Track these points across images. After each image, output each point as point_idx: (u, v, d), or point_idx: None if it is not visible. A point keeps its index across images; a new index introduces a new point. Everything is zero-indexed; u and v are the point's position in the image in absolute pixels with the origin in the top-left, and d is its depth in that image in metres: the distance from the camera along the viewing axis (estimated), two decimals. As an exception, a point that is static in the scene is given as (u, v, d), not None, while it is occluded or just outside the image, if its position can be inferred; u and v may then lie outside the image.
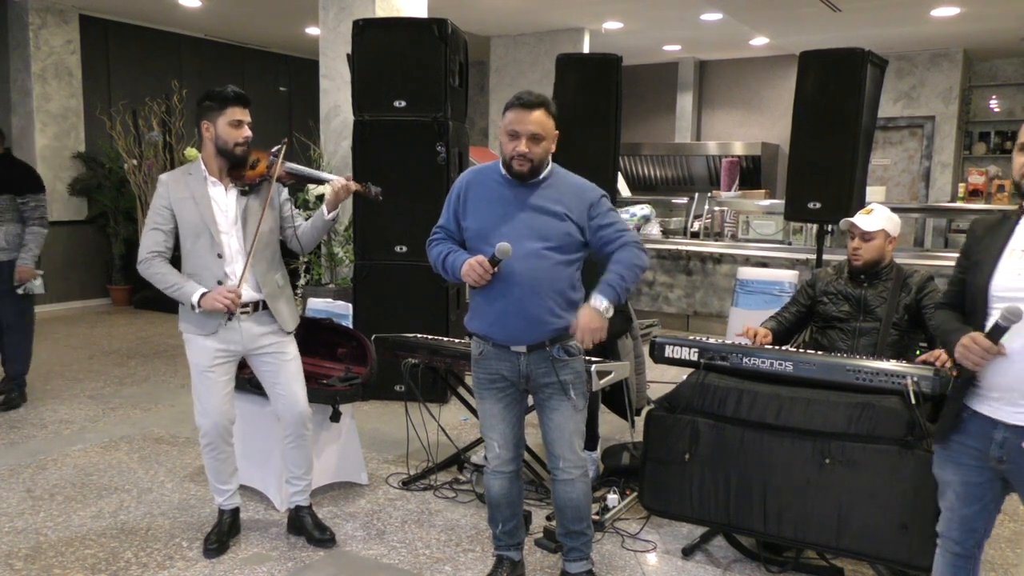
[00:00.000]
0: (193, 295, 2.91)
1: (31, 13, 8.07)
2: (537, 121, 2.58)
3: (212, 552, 3.12)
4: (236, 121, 2.95)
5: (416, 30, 5.02)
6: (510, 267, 2.59)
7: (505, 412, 2.76)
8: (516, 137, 2.59)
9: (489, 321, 2.68)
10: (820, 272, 3.61)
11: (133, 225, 8.66)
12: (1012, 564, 3.20)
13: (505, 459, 2.78)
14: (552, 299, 2.63)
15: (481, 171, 2.79)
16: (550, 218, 2.63)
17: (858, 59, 4.80)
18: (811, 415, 2.83)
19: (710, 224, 7.90)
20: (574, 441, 2.74)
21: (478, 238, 2.68)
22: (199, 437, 3.11)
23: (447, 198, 2.83)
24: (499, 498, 2.83)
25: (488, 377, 2.75)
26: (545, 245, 2.61)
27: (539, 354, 2.67)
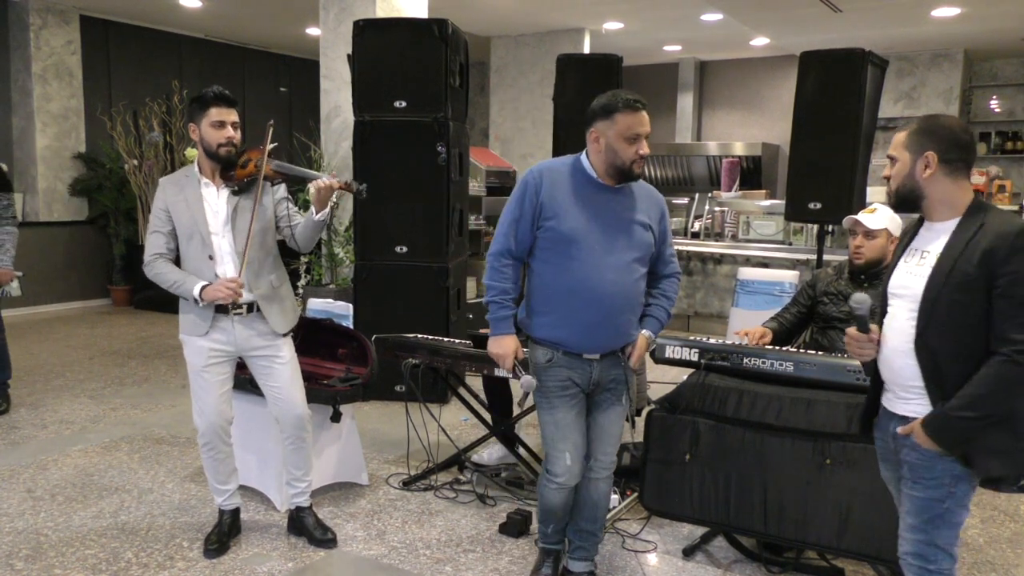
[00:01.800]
0: (195, 288, 2.91)
1: (32, 13, 8.08)
2: (648, 121, 2.59)
3: (212, 552, 3.12)
4: (218, 122, 2.93)
5: (416, 30, 5.02)
6: (603, 277, 2.57)
7: (578, 420, 2.69)
8: (637, 140, 2.54)
9: (572, 330, 2.61)
10: (820, 273, 3.61)
11: (134, 225, 8.66)
12: (1013, 564, 3.20)
13: (575, 473, 2.69)
14: (636, 312, 2.69)
15: (556, 167, 2.66)
16: (639, 228, 2.64)
17: (858, 59, 4.80)
18: (811, 415, 2.83)
19: (710, 224, 7.89)
20: (614, 444, 2.79)
21: (565, 241, 2.57)
22: (197, 437, 3.12)
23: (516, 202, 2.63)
24: (558, 508, 2.79)
25: (560, 384, 2.66)
26: (635, 257, 2.63)
27: (610, 359, 2.68)
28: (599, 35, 9.39)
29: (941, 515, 2.05)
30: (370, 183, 5.03)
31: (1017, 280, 1.92)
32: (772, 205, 7.87)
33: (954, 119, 2.11)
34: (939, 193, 2.06)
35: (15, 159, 8.33)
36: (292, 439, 3.19)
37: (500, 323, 2.69)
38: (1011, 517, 3.64)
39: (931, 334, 2.02)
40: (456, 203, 5.16)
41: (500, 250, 2.66)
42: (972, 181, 7.28)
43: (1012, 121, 9.89)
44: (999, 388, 1.95)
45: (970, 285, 1.96)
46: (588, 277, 2.56)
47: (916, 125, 2.10)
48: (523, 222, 2.62)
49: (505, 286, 2.66)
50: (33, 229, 7.99)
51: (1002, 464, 2.00)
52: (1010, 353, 1.92)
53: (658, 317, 2.75)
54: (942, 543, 2.06)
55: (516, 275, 2.70)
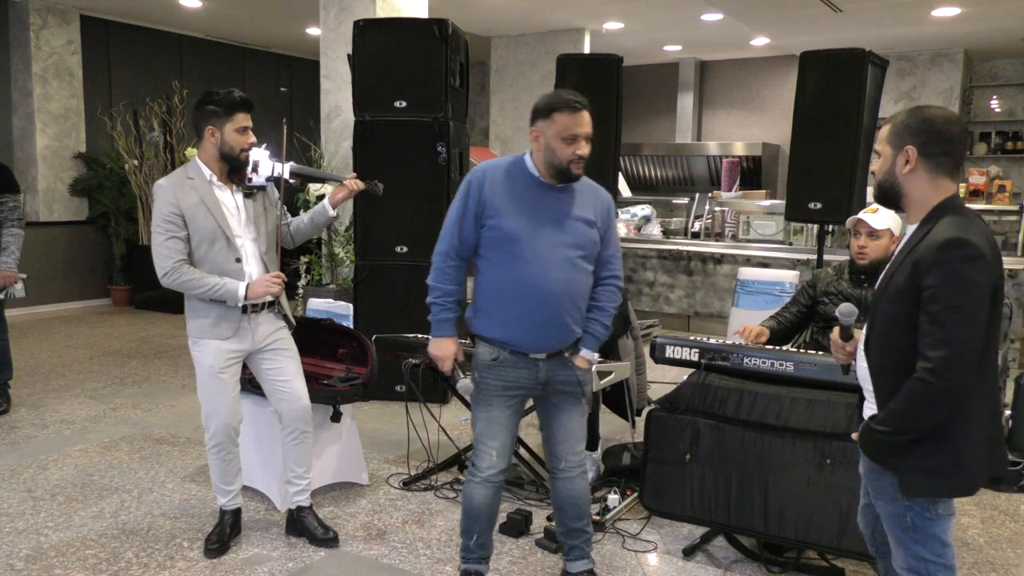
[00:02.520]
0: (239, 289, 2.93)
1: (32, 13, 8.07)
2: (589, 122, 2.57)
3: (213, 552, 3.12)
4: (243, 127, 2.96)
5: (417, 30, 5.02)
6: (547, 274, 2.55)
7: (510, 421, 2.70)
8: (575, 141, 2.53)
9: (516, 328, 2.61)
10: (821, 272, 3.61)
11: (134, 225, 8.66)
12: (1013, 564, 3.20)
13: (500, 468, 2.70)
14: (580, 309, 2.65)
15: (499, 167, 2.65)
16: (582, 225, 2.61)
17: (859, 59, 4.80)
18: (812, 415, 2.83)
19: (711, 224, 7.89)
20: (577, 443, 2.76)
21: (507, 239, 2.56)
22: (206, 439, 3.11)
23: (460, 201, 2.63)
24: (481, 508, 2.73)
25: (502, 384, 2.66)
26: (580, 254, 2.60)
27: (558, 359, 2.66)
28: (599, 35, 9.39)
29: (911, 528, 1.95)
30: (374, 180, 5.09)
31: (935, 295, 1.81)
32: (772, 205, 7.87)
33: (941, 110, 1.95)
34: (916, 192, 1.94)
35: (15, 159, 8.33)
36: (294, 434, 3.19)
37: (441, 325, 2.72)
38: (1011, 517, 3.64)
39: (871, 343, 1.99)
40: (456, 203, 5.16)
41: (445, 249, 2.67)
42: (972, 181, 7.21)
43: (1012, 121, 9.89)
44: (910, 405, 1.86)
45: (901, 297, 1.88)
46: (533, 275, 2.55)
47: (899, 118, 1.97)
48: (466, 221, 2.62)
49: (447, 288, 2.68)
50: (33, 229, 7.97)
51: (927, 484, 1.90)
52: (920, 371, 1.83)
53: (595, 334, 2.68)
54: (928, 555, 1.95)
55: (460, 276, 2.71)
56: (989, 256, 1.83)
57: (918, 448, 1.89)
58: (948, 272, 1.80)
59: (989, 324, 1.86)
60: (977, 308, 1.82)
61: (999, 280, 1.86)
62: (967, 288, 1.80)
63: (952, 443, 1.88)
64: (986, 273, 1.82)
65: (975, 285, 1.81)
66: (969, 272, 1.80)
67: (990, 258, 1.83)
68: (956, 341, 1.80)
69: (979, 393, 1.88)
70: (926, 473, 1.90)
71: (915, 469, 1.91)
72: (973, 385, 1.84)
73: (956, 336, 1.80)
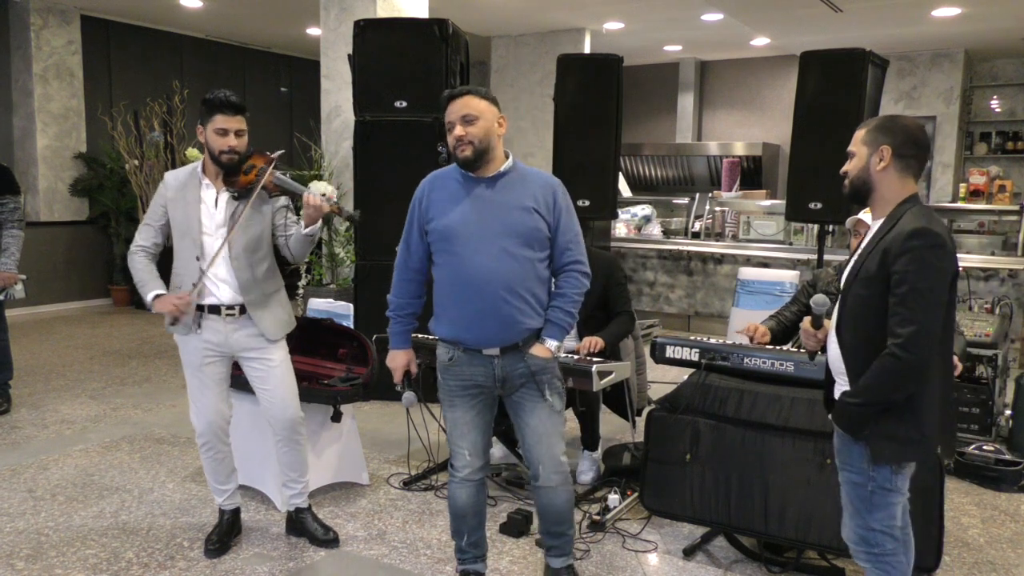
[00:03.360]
0: (149, 295, 2.94)
1: (32, 13, 8.08)
2: (465, 104, 2.56)
3: (213, 552, 3.12)
4: (221, 130, 2.91)
5: (417, 30, 5.02)
6: (482, 266, 2.54)
7: (476, 420, 2.68)
8: (452, 127, 2.57)
9: (461, 324, 2.61)
10: (821, 272, 3.61)
11: (134, 225, 8.62)
12: (1013, 564, 3.20)
13: (475, 467, 2.70)
14: (524, 299, 2.58)
15: (439, 174, 2.74)
16: (518, 212, 2.58)
17: (859, 59, 4.81)
18: (812, 415, 2.83)
19: (711, 224, 7.90)
20: (554, 446, 2.66)
21: (444, 239, 2.60)
22: (196, 437, 3.12)
23: (408, 216, 2.72)
24: (466, 508, 2.74)
25: (460, 384, 2.66)
26: (515, 242, 2.56)
27: (513, 355, 2.61)
28: (600, 35, 9.39)
29: (868, 498, 2.17)
30: (371, 183, 5.09)
31: (903, 278, 2.02)
32: (772, 205, 7.87)
33: (912, 120, 2.18)
34: (886, 188, 2.16)
35: (16, 159, 8.33)
36: (285, 441, 3.17)
37: (394, 337, 2.84)
38: (1012, 517, 3.64)
39: (844, 325, 2.18)
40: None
41: (398, 262, 2.77)
42: (972, 181, 7.25)
43: (1012, 121, 9.89)
44: (881, 379, 2.07)
45: (870, 281, 2.09)
46: (465, 267, 2.57)
47: (875, 122, 2.19)
48: (412, 232, 2.70)
49: (400, 301, 2.78)
50: (34, 229, 7.97)
51: (897, 450, 2.11)
52: (890, 346, 2.03)
53: (556, 321, 2.62)
54: (878, 526, 2.17)
55: (412, 290, 2.77)
56: (949, 246, 2.04)
57: (886, 418, 2.10)
58: (914, 258, 2.01)
59: (948, 306, 2.08)
60: (938, 291, 2.03)
61: (956, 268, 2.08)
62: (930, 273, 2.01)
63: (917, 414, 2.09)
64: (947, 261, 2.04)
65: (937, 271, 2.02)
66: (932, 259, 2.02)
67: (950, 248, 2.05)
68: (921, 319, 2.01)
69: (936, 369, 2.09)
70: (895, 440, 2.11)
71: (885, 436, 2.11)
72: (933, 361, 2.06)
73: (921, 315, 2.01)
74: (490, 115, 2.58)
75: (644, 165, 11.09)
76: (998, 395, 4.45)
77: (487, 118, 2.57)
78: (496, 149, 2.61)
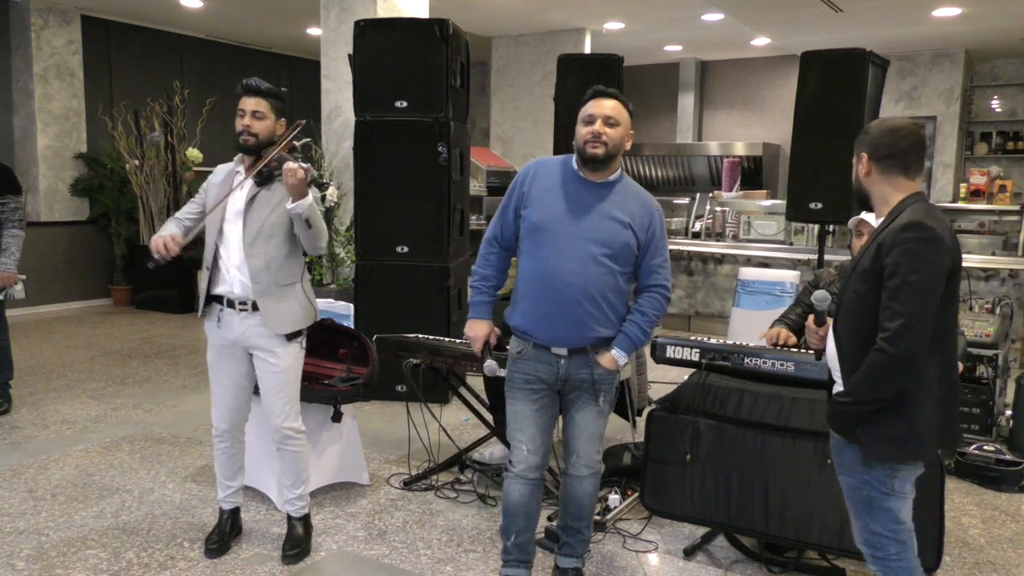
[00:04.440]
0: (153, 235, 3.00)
1: (33, 13, 8.08)
2: (613, 107, 2.61)
3: (213, 552, 3.12)
4: (240, 110, 2.97)
5: (417, 30, 5.02)
6: (564, 266, 2.58)
7: (537, 415, 2.71)
8: (591, 121, 2.59)
9: (533, 318, 2.66)
10: (823, 272, 3.61)
11: (135, 225, 8.67)
12: (1014, 564, 3.20)
13: (532, 464, 2.71)
14: (599, 306, 2.61)
15: (549, 162, 2.75)
16: (614, 224, 2.62)
17: (859, 59, 4.81)
18: (812, 415, 2.83)
19: (711, 224, 7.89)
20: (592, 443, 2.75)
21: (536, 231, 2.64)
22: (212, 429, 3.13)
23: (508, 192, 2.75)
24: (517, 506, 2.74)
25: (524, 378, 2.70)
26: (603, 251, 2.60)
27: (579, 358, 2.66)
28: (600, 35, 9.39)
29: (866, 501, 2.13)
30: (371, 183, 5.09)
31: (894, 271, 2.00)
32: (773, 205, 7.87)
33: (892, 122, 2.18)
34: (877, 191, 2.18)
35: (16, 159, 8.33)
36: (276, 445, 3.15)
37: (476, 307, 2.85)
38: (1012, 517, 3.64)
39: (840, 323, 2.17)
40: (457, 203, 5.16)
41: (488, 236, 2.81)
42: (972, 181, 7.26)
43: (1013, 121, 9.88)
44: (871, 375, 2.04)
45: (867, 276, 2.07)
46: (549, 265, 2.61)
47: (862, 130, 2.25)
48: (509, 211, 2.75)
49: (486, 272, 2.81)
50: (34, 229, 7.96)
51: (888, 450, 2.07)
52: (878, 341, 2.01)
53: (629, 334, 2.66)
54: (880, 530, 2.13)
55: (501, 263, 2.81)
56: (946, 240, 2.01)
57: (880, 417, 2.07)
58: (906, 251, 1.99)
59: (947, 302, 2.04)
60: (931, 285, 1.99)
61: (956, 264, 2.04)
62: (921, 266, 1.99)
63: (909, 412, 2.05)
64: (941, 254, 2.00)
65: (929, 264, 1.99)
66: (924, 251, 1.99)
67: (947, 242, 2.01)
68: (909, 313, 1.98)
69: (932, 366, 2.05)
70: (887, 440, 2.07)
71: (877, 436, 2.08)
72: (925, 356, 2.01)
73: (909, 308, 1.98)
74: (627, 125, 2.66)
75: (644, 165, 11.09)
76: (998, 395, 4.45)
77: (624, 127, 2.64)
78: (618, 159, 2.67)
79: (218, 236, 2.99)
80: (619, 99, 2.64)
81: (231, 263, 2.96)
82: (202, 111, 8.92)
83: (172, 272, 8.28)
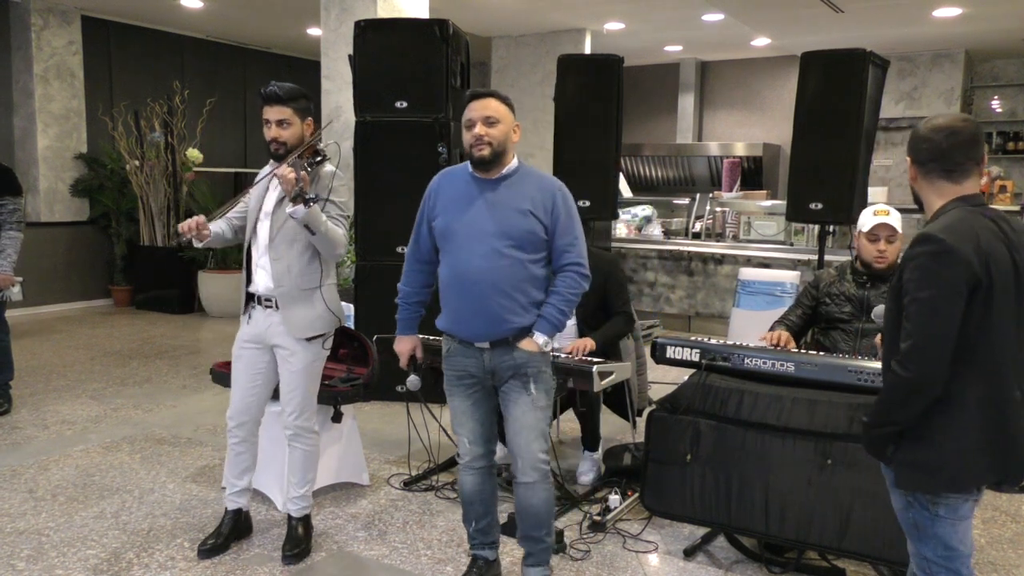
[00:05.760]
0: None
1: (33, 14, 8.08)
2: (488, 106, 2.64)
3: (203, 553, 3.11)
4: (265, 120, 2.99)
5: (418, 31, 5.02)
6: (471, 264, 2.64)
7: (473, 409, 2.77)
8: (472, 125, 2.63)
9: (452, 319, 2.74)
10: (823, 273, 3.60)
11: (135, 226, 8.67)
12: (1014, 565, 3.20)
13: (476, 455, 2.79)
14: (512, 298, 2.63)
15: (449, 172, 2.84)
16: (514, 213, 2.64)
17: (860, 60, 4.80)
18: (813, 416, 2.83)
19: (711, 225, 7.89)
20: (532, 440, 2.67)
21: (443, 236, 2.73)
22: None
23: (419, 209, 2.85)
24: (472, 495, 2.84)
25: (456, 374, 2.77)
26: (507, 243, 2.63)
27: (502, 349, 2.68)
28: (600, 35, 9.39)
29: (914, 525, 2.00)
30: (371, 183, 5.09)
31: (906, 289, 1.90)
32: (773, 205, 7.87)
33: (935, 121, 2.02)
34: (925, 197, 2.06)
35: (17, 160, 8.33)
36: (288, 441, 3.17)
37: (399, 324, 2.97)
38: (1012, 518, 3.64)
39: (885, 341, 2.06)
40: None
41: (408, 252, 2.91)
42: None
43: (1013, 121, 9.88)
44: (885, 398, 1.97)
45: (893, 292, 1.99)
46: (458, 265, 2.68)
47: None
48: (422, 226, 2.84)
49: (406, 289, 2.92)
50: (34, 229, 7.97)
51: (921, 478, 1.94)
52: (892, 363, 1.92)
53: (547, 317, 2.65)
54: (931, 555, 1.98)
55: (421, 278, 2.91)
56: (960, 253, 1.84)
57: (905, 442, 1.96)
58: (916, 267, 1.89)
59: (984, 316, 1.87)
60: (943, 302, 1.85)
61: (980, 277, 1.86)
62: (931, 282, 1.86)
63: (934, 438, 1.91)
64: (953, 268, 1.84)
65: (938, 279, 1.85)
66: (934, 266, 1.86)
67: (961, 255, 1.84)
68: (918, 333, 1.87)
69: (969, 388, 1.89)
70: (911, 466, 1.95)
71: (903, 462, 1.97)
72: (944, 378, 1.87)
73: (918, 328, 1.87)
74: (509, 120, 2.68)
75: (644, 165, 11.09)
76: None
77: (506, 123, 2.66)
78: (508, 154, 2.70)
79: (252, 234, 3.05)
80: (495, 96, 2.67)
81: (259, 262, 3.03)
82: (202, 111, 8.92)
83: (172, 272, 8.30)
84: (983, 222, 1.93)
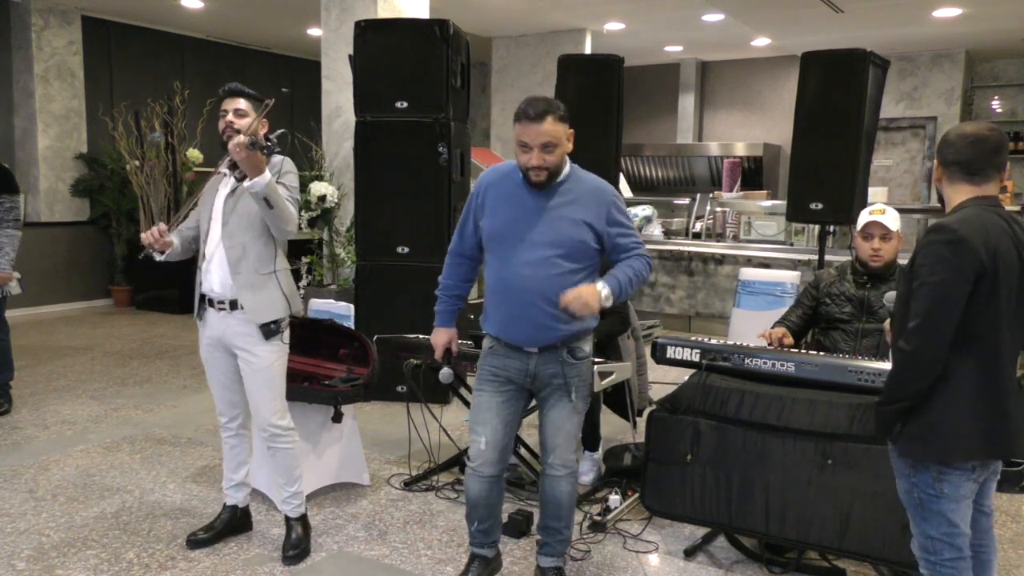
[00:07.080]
0: None
1: (33, 14, 8.08)
2: (546, 131, 2.56)
3: (192, 543, 3.16)
4: (222, 110, 3.02)
5: (418, 31, 5.02)
6: (520, 272, 2.61)
7: (500, 407, 2.72)
8: (528, 150, 2.57)
9: (499, 324, 2.72)
10: (823, 273, 3.60)
11: (135, 226, 8.66)
12: (1014, 564, 3.20)
13: (488, 460, 2.72)
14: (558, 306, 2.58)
15: (500, 170, 2.78)
16: (566, 223, 2.62)
17: (860, 60, 4.80)
18: (813, 416, 2.83)
19: (712, 225, 7.89)
20: (569, 440, 2.75)
21: (492, 239, 2.70)
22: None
23: (467, 203, 2.81)
24: (477, 500, 2.79)
25: (492, 371, 2.74)
26: (556, 252, 2.60)
27: (550, 355, 2.68)
28: (600, 35, 9.39)
29: (918, 504, 2.15)
30: (371, 183, 5.10)
31: (917, 273, 2.05)
32: (773, 205, 7.86)
33: (962, 128, 2.17)
34: (947, 196, 2.20)
35: (17, 160, 8.33)
36: (267, 445, 3.15)
37: (438, 316, 2.96)
38: (1013, 517, 3.64)
39: (892, 324, 2.25)
40: (457, 203, 5.15)
41: (451, 247, 2.89)
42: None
43: (1014, 121, 9.88)
44: (892, 374, 2.13)
45: (904, 277, 2.14)
46: (505, 271, 2.66)
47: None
48: (468, 223, 2.81)
49: (447, 282, 2.90)
50: (35, 230, 7.99)
51: (916, 448, 2.12)
52: (899, 341, 2.08)
53: (617, 276, 2.58)
54: (934, 533, 2.14)
55: (461, 273, 2.88)
56: (973, 243, 2.00)
57: (910, 417, 2.11)
58: (928, 252, 2.04)
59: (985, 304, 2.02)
60: (950, 287, 2.00)
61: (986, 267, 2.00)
62: (941, 267, 2.01)
63: (933, 411, 2.08)
64: (965, 257, 1.99)
65: (950, 266, 2.00)
66: (945, 253, 2.01)
67: (973, 245, 2.00)
68: (924, 313, 2.02)
69: (965, 368, 2.05)
70: (910, 438, 2.12)
71: (905, 434, 2.13)
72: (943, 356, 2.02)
73: (924, 309, 2.02)
74: (566, 138, 2.62)
75: (645, 165, 11.09)
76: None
77: (564, 143, 2.61)
78: (563, 165, 2.65)
79: (205, 237, 3.03)
80: (552, 114, 2.56)
81: (211, 262, 2.99)
82: (202, 111, 8.91)
83: (173, 273, 8.29)
84: (995, 220, 2.08)
